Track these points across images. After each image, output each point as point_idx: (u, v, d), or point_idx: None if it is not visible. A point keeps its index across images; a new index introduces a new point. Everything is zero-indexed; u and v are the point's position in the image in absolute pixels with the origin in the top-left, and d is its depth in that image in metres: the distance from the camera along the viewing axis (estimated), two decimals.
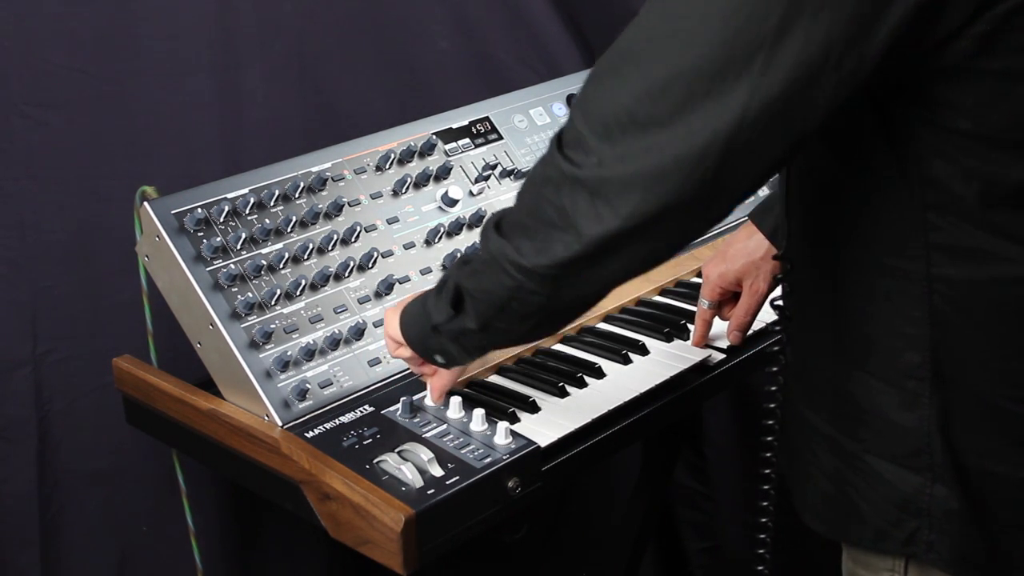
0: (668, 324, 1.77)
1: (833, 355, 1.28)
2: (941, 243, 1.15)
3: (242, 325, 1.56)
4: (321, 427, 1.51)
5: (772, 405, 1.42)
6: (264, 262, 1.61)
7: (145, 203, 1.60)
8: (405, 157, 1.82)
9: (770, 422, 1.42)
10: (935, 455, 1.21)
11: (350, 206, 1.73)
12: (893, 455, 1.24)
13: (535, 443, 1.47)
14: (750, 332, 1.73)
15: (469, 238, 1.80)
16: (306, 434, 1.49)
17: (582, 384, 1.63)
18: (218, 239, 1.59)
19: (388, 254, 1.73)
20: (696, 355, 1.71)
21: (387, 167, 1.79)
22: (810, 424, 1.32)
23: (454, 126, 1.91)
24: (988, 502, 1.21)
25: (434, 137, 1.86)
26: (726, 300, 1.71)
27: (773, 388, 1.40)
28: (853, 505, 1.28)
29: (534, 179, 1.20)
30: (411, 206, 1.79)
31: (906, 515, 1.24)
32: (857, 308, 1.23)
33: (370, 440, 1.48)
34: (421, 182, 1.81)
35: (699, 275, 1.93)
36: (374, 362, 1.63)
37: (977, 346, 1.18)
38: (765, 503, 1.48)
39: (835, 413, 1.28)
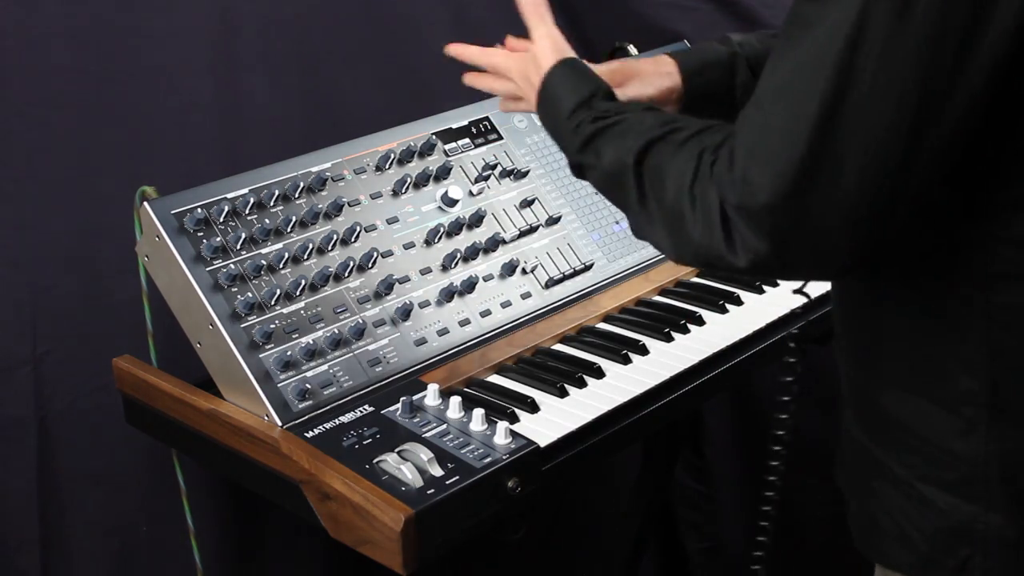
0: (668, 324, 1.77)
1: (883, 378, 1.25)
2: (1002, 270, 1.13)
3: (242, 325, 1.56)
4: (321, 427, 1.51)
5: (784, 416, 1.40)
6: (264, 262, 1.61)
7: (145, 203, 1.60)
8: (405, 157, 1.82)
9: (780, 432, 1.41)
10: (991, 483, 1.18)
11: (350, 206, 1.73)
12: (945, 482, 1.21)
13: (535, 443, 1.47)
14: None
15: (469, 238, 1.80)
16: (306, 434, 1.49)
17: (582, 384, 1.63)
18: (218, 239, 1.59)
19: (388, 254, 1.73)
20: (696, 355, 1.71)
21: (387, 167, 1.79)
22: (861, 445, 1.30)
23: (454, 126, 1.91)
24: None
25: (434, 137, 1.86)
26: None
27: (786, 398, 1.39)
28: (900, 530, 1.26)
29: None
30: (411, 206, 1.79)
31: (958, 543, 1.22)
32: (912, 331, 1.21)
33: (370, 440, 1.47)
34: (421, 182, 1.81)
35: (699, 275, 1.94)
36: (374, 362, 1.63)
37: None
38: (767, 508, 1.47)
39: (884, 437, 1.26)
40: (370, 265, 1.70)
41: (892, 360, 1.24)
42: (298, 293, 1.62)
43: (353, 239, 1.70)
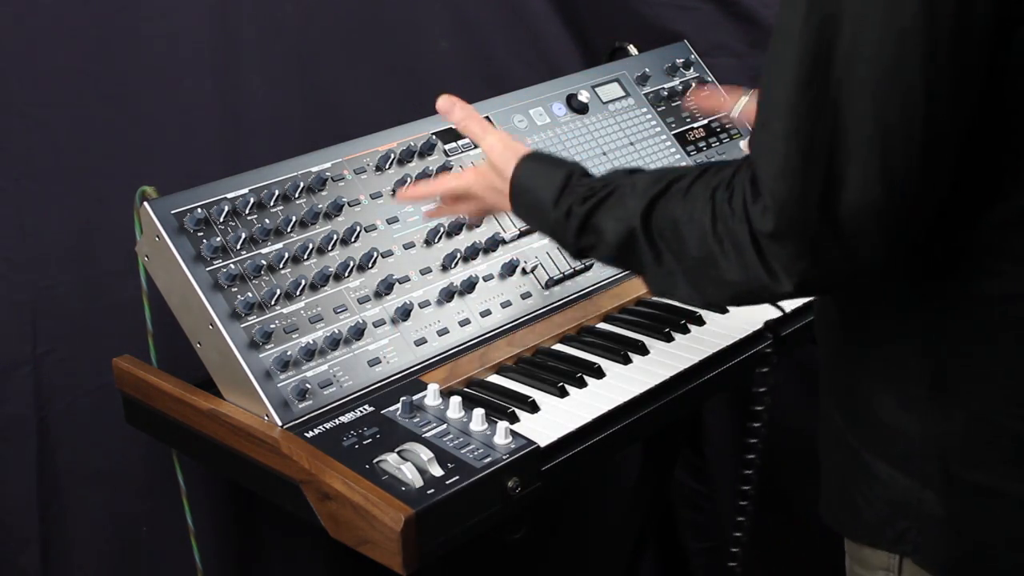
0: (668, 324, 1.77)
1: (843, 354, 1.29)
2: (961, 260, 1.15)
3: (242, 325, 1.56)
4: (321, 427, 1.51)
5: (759, 408, 1.42)
6: (264, 262, 1.61)
7: (145, 203, 1.60)
8: (405, 157, 1.82)
9: (756, 424, 1.42)
10: (927, 461, 1.21)
11: (350, 206, 1.73)
12: (888, 455, 1.24)
13: (535, 443, 1.47)
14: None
15: (469, 238, 1.80)
16: (306, 434, 1.49)
17: (582, 384, 1.63)
18: (218, 239, 1.59)
19: (388, 254, 1.73)
20: (696, 355, 1.71)
21: (387, 167, 1.79)
22: (829, 416, 1.34)
23: (454, 126, 1.91)
24: (977, 514, 1.21)
25: (434, 137, 1.86)
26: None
27: (762, 390, 1.40)
28: (852, 499, 1.29)
29: None
30: (411, 206, 1.79)
31: (897, 515, 1.25)
32: (863, 310, 1.24)
33: (370, 440, 1.47)
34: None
35: None
36: (374, 362, 1.63)
37: (982, 360, 1.17)
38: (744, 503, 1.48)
39: (845, 409, 1.30)
40: (370, 265, 1.70)
41: (848, 337, 1.28)
42: (298, 293, 1.62)
43: (353, 239, 1.70)
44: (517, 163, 1.43)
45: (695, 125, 2.17)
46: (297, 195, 1.69)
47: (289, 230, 1.67)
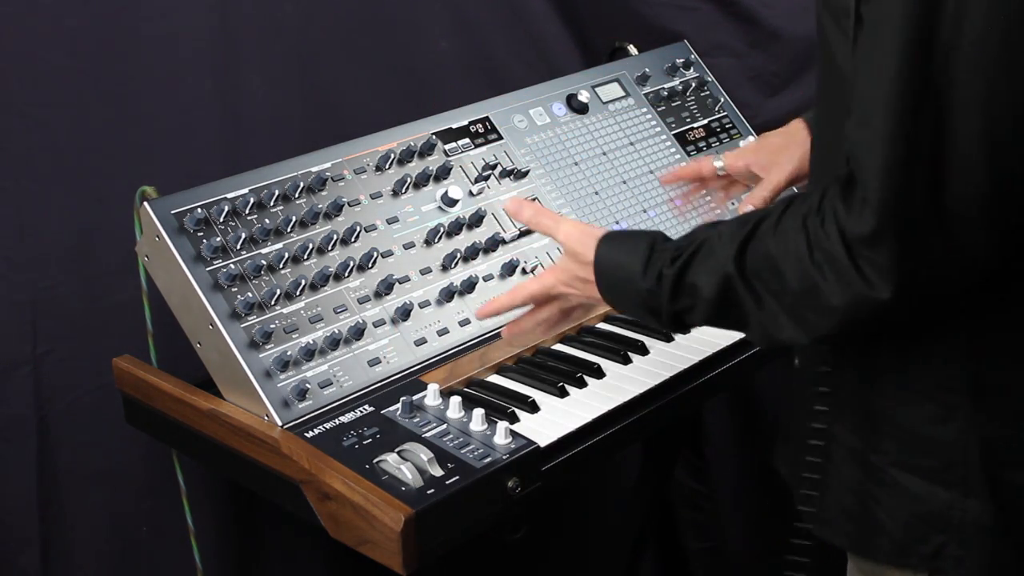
0: None
1: (858, 364, 1.25)
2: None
3: (242, 325, 1.56)
4: (321, 427, 1.51)
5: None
6: (264, 262, 1.61)
7: (145, 203, 1.60)
8: (405, 157, 1.82)
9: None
10: (970, 468, 1.19)
11: (350, 206, 1.73)
12: (921, 468, 1.22)
13: (535, 443, 1.47)
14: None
15: (469, 238, 1.80)
16: (306, 434, 1.49)
17: (582, 384, 1.63)
18: (218, 239, 1.59)
19: (388, 254, 1.73)
20: (696, 355, 1.71)
21: (387, 167, 1.79)
22: (829, 432, 1.30)
23: (454, 126, 1.91)
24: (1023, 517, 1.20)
25: (434, 137, 1.86)
26: (736, 181, 1.74)
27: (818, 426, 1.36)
28: (874, 518, 1.26)
29: None
30: (411, 206, 1.79)
31: (933, 530, 1.22)
32: (897, 325, 1.21)
33: (370, 440, 1.48)
34: (421, 182, 1.81)
35: None
36: (374, 362, 1.63)
37: (1018, 358, 1.16)
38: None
39: (859, 423, 1.26)
40: (370, 265, 1.70)
41: (864, 345, 1.24)
42: (298, 293, 1.62)
43: (353, 239, 1.70)
44: (596, 245, 1.37)
45: (695, 125, 2.17)
46: (297, 195, 1.69)
47: (289, 230, 1.67)
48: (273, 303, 1.60)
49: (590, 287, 1.38)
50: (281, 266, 1.63)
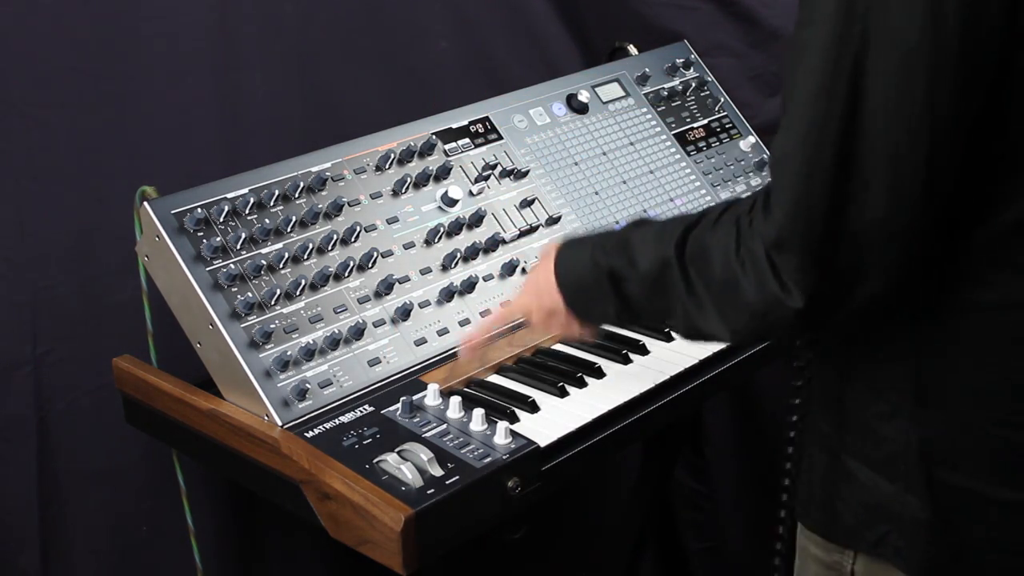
0: None
1: (831, 362, 1.30)
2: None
3: (242, 325, 1.56)
4: (321, 427, 1.51)
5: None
6: (264, 262, 1.61)
7: (145, 203, 1.60)
8: (405, 157, 1.82)
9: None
10: (910, 465, 1.23)
11: (350, 206, 1.73)
12: (870, 460, 1.26)
13: (535, 443, 1.47)
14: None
15: (469, 238, 1.80)
16: (306, 434, 1.49)
17: (582, 384, 1.63)
18: (218, 239, 1.59)
19: (388, 254, 1.73)
20: (696, 355, 1.71)
21: (387, 167, 1.79)
22: (814, 422, 1.34)
23: (454, 126, 1.91)
24: (960, 518, 1.22)
25: (434, 137, 1.86)
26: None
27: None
28: (831, 503, 1.30)
29: None
30: (411, 206, 1.79)
31: (878, 519, 1.26)
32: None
33: (370, 440, 1.47)
34: (421, 182, 1.81)
35: None
36: (374, 362, 1.63)
37: (961, 368, 1.19)
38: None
39: (832, 414, 1.30)
40: (370, 265, 1.70)
41: (837, 346, 1.29)
42: (298, 293, 1.62)
43: (353, 239, 1.70)
44: (556, 254, 1.43)
45: (695, 125, 2.17)
46: (297, 195, 1.69)
47: (289, 230, 1.67)
48: (273, 303, 1.60)
49: (553, 296, 1.42)
50: (281, 266, 1.63)
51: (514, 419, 1.54)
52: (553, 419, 1.56)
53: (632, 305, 1.32)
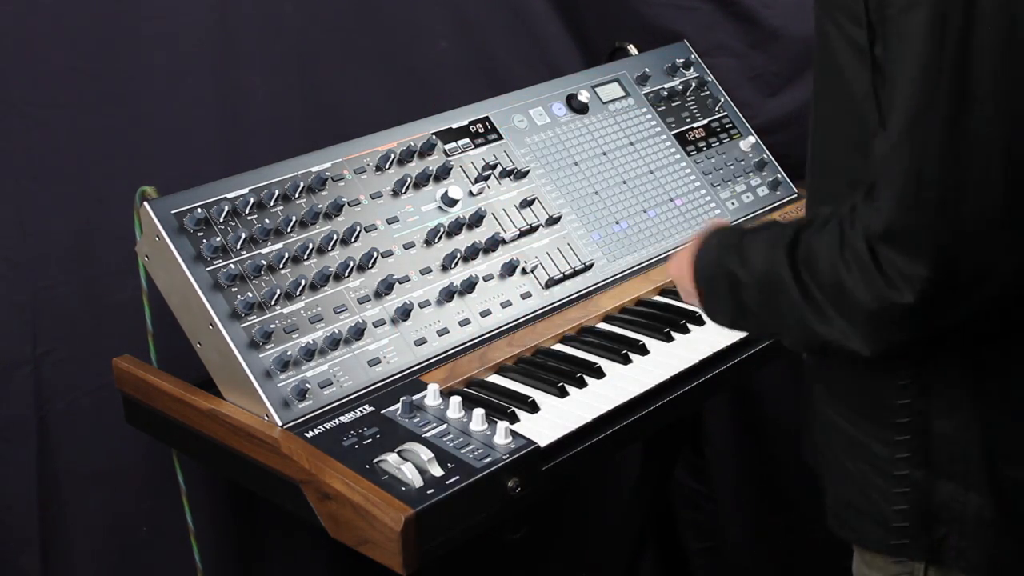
0: (668, 324, 1.77)
1: (869, 367, 1.25)
2: None
3: (242, 325, 1.56)
4: (321, 427, 1.51)
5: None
6: (264, 262, 1.61)
7: (145, 203, 1.60)
8: (405, 157, 1.82)
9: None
10: (971, 463, 1.20)
11: (350, 206, 1.73)
12: (925, 461, 1.23)
13: (535, 443, 1.47)
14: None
15: (469, 238, 1.80)
16: (306, 434, 1.49)
17: (582, 384, 1.63)
18: (218, 239, 1.59)
19: (388, 254, 1.73)
20: (696, 355, 1.71)
21: (387, 167, 1.79)
22: (833, 425, 1.31)
23: (454, 126, 1.91)
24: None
25: (434, 137, 1.86)
26: None
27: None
28: (876, 509, 1.27)
29: None
30: (411, 206, 1.79)
31: (934, 522, 1.23)
32: None
33: (370, 440, 1.47)
34: (421, 182, 1.81)
35: None
36: (374, 362, 1.63)
37: (1021, 357, 1.17)
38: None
39: (863, 416, 1.27)
40: (370, 265, 1.70)
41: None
42: (298, 293, 1.62)
43: (353, 239, 1.70)
44: (701, 241, 1.38)
45: (695, 125, 2.17)
46: (297, 195, 1.69)
47: (289, 230, 1.67)
48: (273, 303, 1.60)
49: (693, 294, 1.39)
50: (281, 266, 1.63)
51: (514, 419, 1.54)
52: (553, 419, 1.56)
53: (746, 311, 1.28)
